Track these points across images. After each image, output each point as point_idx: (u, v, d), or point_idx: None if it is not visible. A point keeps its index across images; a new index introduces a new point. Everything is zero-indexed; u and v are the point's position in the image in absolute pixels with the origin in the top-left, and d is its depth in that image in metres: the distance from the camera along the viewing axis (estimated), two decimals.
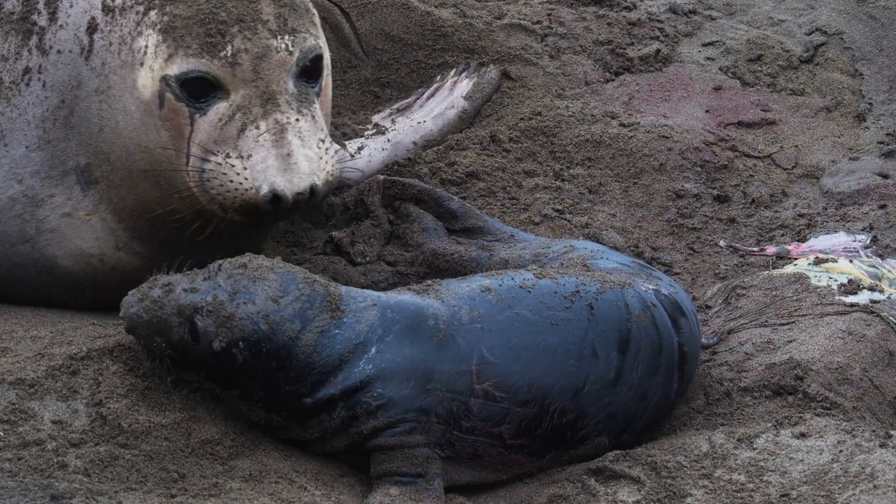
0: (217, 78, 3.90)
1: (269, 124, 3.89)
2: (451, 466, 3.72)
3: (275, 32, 3.94)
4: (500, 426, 3.73)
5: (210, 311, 3.56)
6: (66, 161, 4.13)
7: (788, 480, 3.60)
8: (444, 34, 6.39)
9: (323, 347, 3.63)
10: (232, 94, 3.91)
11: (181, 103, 3.92)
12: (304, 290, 3.68)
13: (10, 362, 3.75)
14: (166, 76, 3.92)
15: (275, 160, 3.86)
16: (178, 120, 3.93)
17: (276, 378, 3.61)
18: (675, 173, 5.78)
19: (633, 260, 4.33)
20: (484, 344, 3.73)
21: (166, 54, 3.92)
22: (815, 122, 6.33)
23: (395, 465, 3.64)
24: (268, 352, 3.58)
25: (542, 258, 4.29)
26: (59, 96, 4.10)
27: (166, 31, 3.93)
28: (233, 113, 3.91)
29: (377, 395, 3.64)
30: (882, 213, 5.56)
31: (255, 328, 3.58)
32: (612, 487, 3.68)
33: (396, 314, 3.74)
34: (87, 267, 4.23)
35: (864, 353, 4.25)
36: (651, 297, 3.96)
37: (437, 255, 4.57)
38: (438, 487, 3.65)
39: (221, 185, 3.91)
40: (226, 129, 3.90)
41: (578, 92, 6.29)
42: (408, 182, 4.88)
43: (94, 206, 4.15)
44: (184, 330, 3.57)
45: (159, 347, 3.60)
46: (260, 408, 3.67)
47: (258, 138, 3.87)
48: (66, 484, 3.35)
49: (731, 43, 6.75)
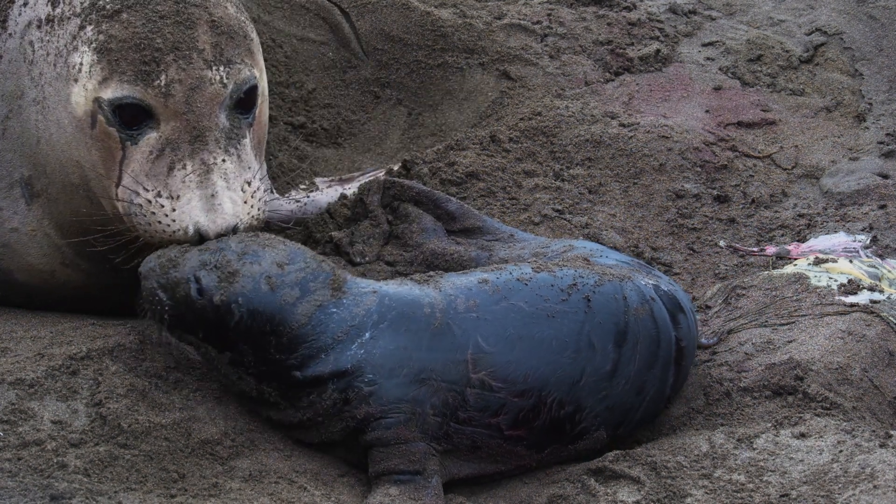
0: (150, 107, 3.83)
1: (196, 164, 3.84)
2: (449, 461, 3.73)
3: (210, 63, 3.86)
4: (497, 417, 3.74)
5: (216, 268, 3.67)
6: (12, 173, 4.10)
7: (788, 480, 3.60)
8: (443, 34, 6.39)
9: (318, 322, 3.68)
10: (162, 125, 3.84)
11: (113, 128, 3.86)
12: (311, 264, 3.76)
13: (10, 362, 3.75)
14: (99, 99, 3.85)
15: (198, 201, 3.82)
16: (109, 143, 3.88)
17: (268, 342, 3.66)
18: (675, 173, 5.78)
19: (631, 259, 4.33)
20: (479, 333, 3.75)
21: (101, 76, 3.85)
22: (815, 122, 6.33)
23: (392, 463, 3.64)
24: (263, 313, 3.65)
25: (542, 257, 4.30)
26: (7, 106, 4.07)
27: (101, 51, 3.85)
28: (162, 147, 3.85)
29: (368, 381, 3.67)
30: (882, 213, 5.56)
31: (256, 287, 3.66)
32: (612, 487, 3.68)
33: (394, 302, 3.78)
34: (41, 281, 4.21)
35: (864, 354, 4.25)
36: (650, 292, 3.98)
37: (436, 255, 4.57)
38: (437, 485, 3.66)
39: (149, 224, 3.87)
40: (156, 164, 3.85)
41: (578, 92, 6.30)
42: (407, 184, 4.89)
43: (38, 221, 4.13)
44: (189, 286, 3.65)
45: (162, 304, 3.67)
46: (250, 376, 3.71)
47: (185, 178, 3.83)
48: (65, 484, 3.35)
49: (731, 43, 6.76)
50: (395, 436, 3.65)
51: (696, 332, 4.19)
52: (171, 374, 3.82)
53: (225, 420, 3.75)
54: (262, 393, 3.73)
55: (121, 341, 3.86)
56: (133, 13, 3.84)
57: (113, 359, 3.78)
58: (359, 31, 6.44)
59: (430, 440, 3.68)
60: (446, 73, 6.35)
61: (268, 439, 3.77)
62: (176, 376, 3.83)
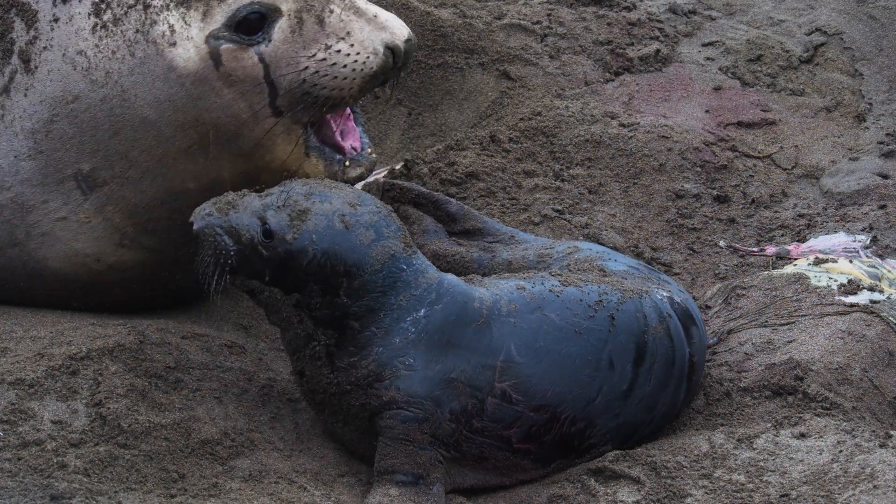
0: (262, 3, 3.96)
1: (338, 4, 4.03)
2: (455, 469, 3.71)
3: None
4: (510, 429, 3.71)
5: (282, 207, 3.60)
6: (64, 169, 4.14)
7: (788, 480, 3.60)
8: (443, 34, 6.39)
9: (388, 273, 3.63)
10: (283, 7, 3.99)
11: (241, 45, 3.97)
12: (382, 211, 3.71)
13: (9, 362, 3.75)
14: (213, 31, 3.96)
15: (367, 25, 4.02)
16: (243, 66, 3.98)
17: (339, 284, 3.58)
18: (675, 173, 5.78)
19: (638, 262, 4.32)
20: (514, 341, 3.71)
21: (200, 15, 3.97)
22: (815, 122, 6.33)
23: (397, 461, 3.62)
24: (339, 252, 3.58)
25: (547, 259, 4.29)
26: (50, 111, 4.12)
27: (183, 1, 3.99)
28: (298, 19, 4.00)
29: (408, 365, 3.62)
30: (882, 213, 5.56)
31: (330, 224, 3.59)
32: (612, 487, 3.68)
33: (451, 286, 3.72)
34: (81, 268, 4.23)
35: (864, 354, 4.24)
36: (667, 307, 3.95)
37: (437, 257, 4.57)
38: (438, 493, 3.64)
39: (335, 76, 4.01)
40: (304, 33, 4.00)
41: (578, 92, 6.29)
42: (407, 185, 4.88)
43: (98, 208, 4.16)
44: (255, 229, 3.59)
45: (227, 249, 3.59)
46: (311, 319, 3.63)
47: (341, 18, 4.01)
48: (65, 484, 3.35)
49: (731, 43, 6.75)
50: (406, 432, 3.62)
51: (706, 344, 4.17)
52: (170, 375, 3.82)
53: (225, 420, 3.75)
54: (312, 339, 3.64)
55: (121, 341, 3.86)
56: None
57: (113, 359, 3.78)
58: None
59: (439, 446, 3.65)
60: (446, 73, 6.34)
61: (268, 439, 3.77)
62: (176, 376, 3.82)
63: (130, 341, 3.87)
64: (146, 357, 3.84)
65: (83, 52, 4.10)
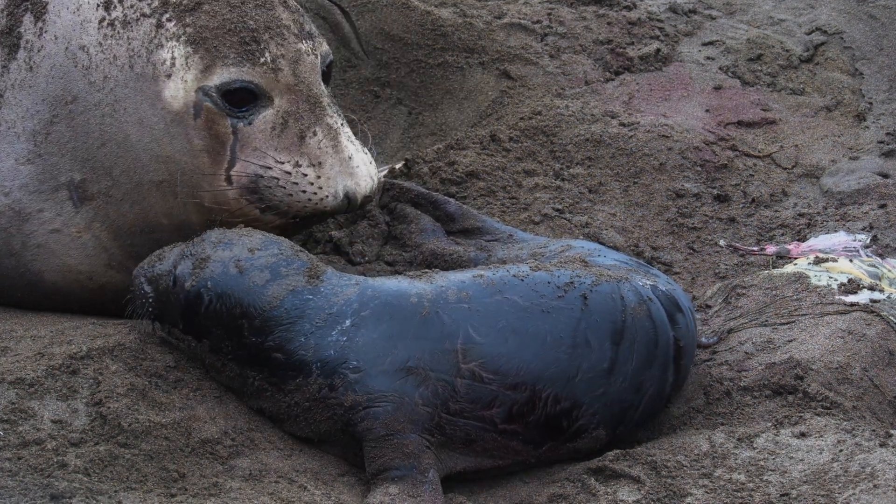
0: (260, 86, 3.93)
1: (324, 130, 3.98)
2: (445, 454, 3.72)
3: (299, 37, 4.01)
4: (490, 409, 3.73)
5: (191, 255, 3.72)
6: (58, 176, 4.10)
7: (788, 480, 3.60)
8: (443, 34, 6.39)
9: (292, 306, 3.69)
10: (276, 100, 3.95)
11: (221, 112, 3.94)
12: (286, 252, 3.78)
13: (10, 362, 3.75)
14: (204, 87, 3.92)
15: (339, 165, 3.96)
16: (216, 129, 3.95)
17: (240, 326, 3.68)
18: (675, 173, 5.78)
19: (629, 258, 4.34)
20: (470, 323, 3.75)
21: (202, 65, 3.92)
22: (815, 122, 6.33)
23: (387, 458, 3.63)
24: (231, 295, 3.68)
25: (539, 257, 4.30)
26: (50, 111, 4.07)
27: (195, 41, 3.93)
28: (284, 120, 3.96)
29: (354, 368, 3.66)
30: (882, 212, 5.56)
31: (224, 270, 3.69)
32: (611, 487, 3.68)
33: (377, 293, 3.78)
34: (75, 284, 4.21)
35: (864, 353, 4.25)
36: (647, 292, 3.98)
37: (435, 255, 4.57)
38: (434, 479, 3.65)
39: (290, 195, 3.98)
40: (283, 137, 3.95)
41: (578, 91, 6.30)
42: (405, 185, 4.89)
43: (87, 223, 4.13)
44: (169, 276, 3.73)
45: (146, 297, 3.76)
46: (232, 361, 3.73)
47: (320, 145, 3.96)
48: (65, 483, 3.35)
49: (731, 42, 6.76)
50: (384, 426, 3.64)
51: (696, 332, 4.18)
52: (171, 374, 3.82)
53: (225, 420, 3.75)
54: (247, 378, 3.73)
55: (121, 341, 3.86)
56: (213, 3, 3.95)
57: (113, 358, 3.78)
58: (359, 30, 6.44)
59: (421, 431, 3.67)
60: (446, 73, 6.35)
61: (268, 439, 3.77)
62: (176, 376, 3.82)
63: (131, 340, 3.87)
64: (146, 356, 3.84)
65: (85, 47, 4.04)
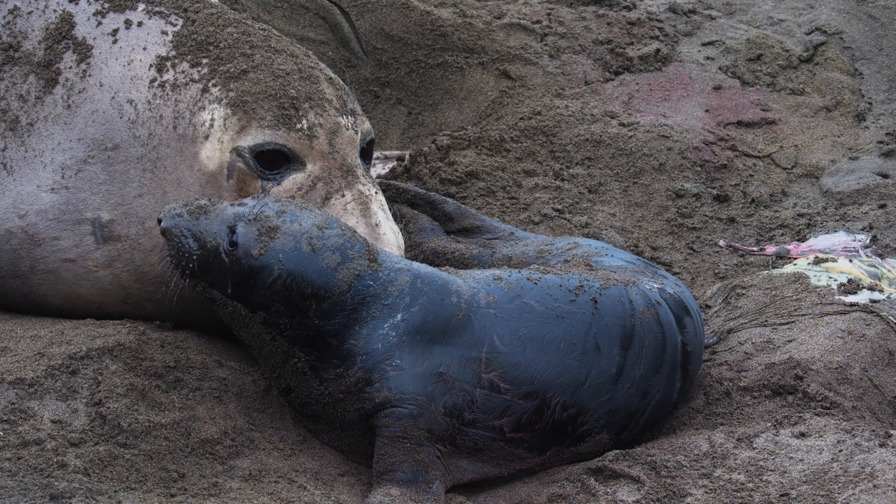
0: (293, 150, 3.97)
1: (354, 195, 4.00)
2: (452, 464, 3.71)
3: (340, 111, 4.05)
4: (501, 419, 3.72)
5: (253, 220, 3.61)
6: (84, 211, 4.12)
7: (788, 480, 3.60)
8: (443, 34, 6.39)
9: (356, 292, 3.64)
10: (309, 166, 3.99)
11: (253, 174, 3.98)
12: (347, 233, 3.71)
13: (9, 362, 3.75)
14: (238, 147, 3.97)
15: (364, 227, 3.96)
16: (247, 190, 3.99)
17: (308, 307, 3.61)
18: (675, 173, 5.78)
19: (637, 258, 4.32)
20: (496, 331, 3.73)
21: (238, 126, 3.97)
22: (815, 122, 6.33)
23: (397, 459, 3.62)
24: (305, 275, 3.60)
25: (546, 255, 4.29)
26: (86, 151, 4.10)
27: (236, 105, 3.99)
28: (313, 183, 3.99)
29: (395, 366, 3.64)
30: (882, 212, 5.56)
31: (297, 246, 3.61)
32: (611, 487, 3.68)
33: (426, 285, 3.74)
34: (83, 311, 4.21)
35: (864, 353, 4.24)
36: (655, 296, 3.96)
37: (437, 254, 4.57)
38: (438, 491, 3.64)
39: None
40: (308, 197, 3.98)
41: (578, 91, 6.30)
42: (402, 186, 4.89)
43: (109, 260, 4.14)
44: (223, 237, 3.59)
45: (189, 252, 3.60)
46: (284, 338, 3.65)
47: (346, 206, 3.98)
48: (65, 483, 3.35)
49: (731, 42, 6.76)
50: (402, 428, 3.63)
51: (703, 336, 4.17)
52: (170, 374, 3.82)
53: (225, 420, 3.75)
54: (291, 357, 3.67)
55: (121, 341, 3.86)
56: (260, 72, 4.02)
57: (113, 358, 3.78)
58: (358, 30, 6.43)
59: (436, 441, 3.66)
60: (446, 73, 6.35)
61: (268, 439, 3.77)
62: (176, 376, 3.82)
63: (130, 341, 3.87)
64: (146, 356, 3.84)
65: (134, 102, 4.08)
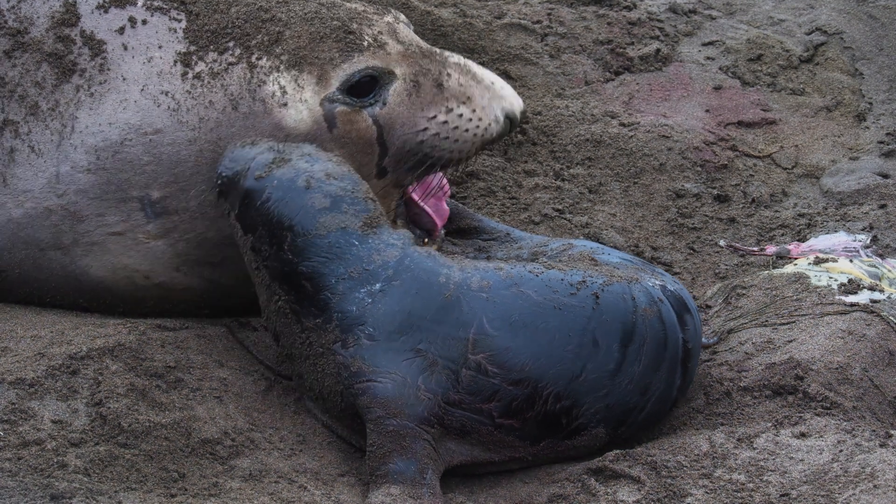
0: (377, 66, 4.01)
1: (455, 69, 4.09)
2: (441, 447, 3.70)
3: (381, 13, 4.14)
4: (489, 403, 3.72)
5: (277, 151, 3.84)
6: (128, 190, 4.11)
7: (788, 480, 3.60)
8: (443, 34, 6.39)
9: (335, 242, 3.74)
10: (398, 70, 4.04)
11: (356, 108, 4.01)
12: (357, 193, 3.83)
13: (10, 362, 3.75)
14: (327, 96, 3.99)
15: (487, 92, 4.07)
16: (357, 127, 4.03)
17: (284, 237, 3.73)
18: (675, 173, 5.78)
19: (633, 257, 4.33)
20: (486, 314, 3.74)
21: (314, 79, 4.00)
22: (815, 122, 6.33)
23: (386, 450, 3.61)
24: (289, 204, 3.75)
25: (540, 257, 4.29)
26: (120, 134, 4.08)
27: (296, 63, 4.01)
28: (415, 83, 4.05)
29: (368, 334, 3.68)
30: (882, 212, 5.56)
31: (293, 178, 3.78)
32: (611, 487, 3.68)
33: (413, 264, 3.79)
34: (124, 280, 4.20)
35: (865, 353, 4.25)
36: (658, 293, 3.96)
37: None
38: (432, 481, 3.63)
39: (457, 139, 4.10)
40: (421, 96, 4.05)
41: (578, 91, 6.30)
42: None
43: (162, 232, 4.13)
44: (248, 161, 3.86)
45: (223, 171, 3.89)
46: (265, 269, 3.78)
47: (460, 83, 4.07)
48: (65, 484, 3.35)
49: (731, 42, 6.76)
50: (382, 407, 3.64)
51: (701, 333, 4.18)
52: (171, 374, 3.82)
53: (225, 420, 3.75)
54: (273, 294, 3.78)
55: (121, 341, 3.86)
56: (293, 25, 4.05)
57: (113, 358, 3.78)
58: None
59: (420, 422, 3.66)
60: None
61: (268, 439, 3.77)
62: (176, 376, 3.83)
63: (131, 341, 3.87)
64: (146, 356, 3.84)
65: (170, 93, 4.07)
